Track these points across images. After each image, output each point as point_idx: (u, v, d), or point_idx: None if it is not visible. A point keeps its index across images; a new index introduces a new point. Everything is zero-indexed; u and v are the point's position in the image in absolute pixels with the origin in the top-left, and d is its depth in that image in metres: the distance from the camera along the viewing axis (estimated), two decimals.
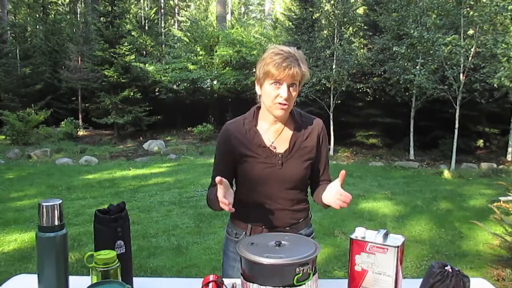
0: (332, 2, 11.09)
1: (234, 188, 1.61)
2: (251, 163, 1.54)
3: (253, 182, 1.55)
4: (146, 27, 16.76)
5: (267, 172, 1.53)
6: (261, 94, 1.50)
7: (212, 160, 1.67)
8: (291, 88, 1.45)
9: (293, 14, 12.70)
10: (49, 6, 17.75)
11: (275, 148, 1.54)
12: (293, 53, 1.44)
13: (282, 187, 1.55)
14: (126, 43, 13.00)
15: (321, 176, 1.66)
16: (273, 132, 1.56)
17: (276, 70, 1.41)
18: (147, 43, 15.87)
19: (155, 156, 10.55)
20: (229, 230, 1.68)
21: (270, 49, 1.48)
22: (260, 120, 1.57)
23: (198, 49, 14.02)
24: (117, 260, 1.20)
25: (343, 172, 1.33)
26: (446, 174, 8.51)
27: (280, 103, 1.45)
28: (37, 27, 17.47)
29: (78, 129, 13.06)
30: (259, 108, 1.58)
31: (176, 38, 16.82)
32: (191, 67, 13.42)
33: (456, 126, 9.19)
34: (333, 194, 1.35)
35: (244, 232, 1.61)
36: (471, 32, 9.51)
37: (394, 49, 9.51)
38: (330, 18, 11.29)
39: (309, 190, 1.69)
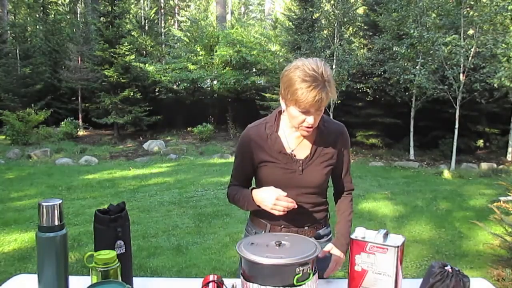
0: (332, 2, 11.10)
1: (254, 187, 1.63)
2: (271, 168, 1.54)
3: (273, 186, 1.54)
4: (146, 27, 16.74)
5: (286, 177, 1.54)
6: (286, 112, 1.47)
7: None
8: (317, 112, 1.41)
9: (293, 14, 12.70)
10: (49, 6, 17.69)
11: (295, 155, 1.54)
12: (320, 76, 1.35)
13: (301, 191, 1.55)
14: (126, 43, 12.99)
15: (342, 180, 1.67)
16: (294, 137, 1.55)
17: (304, 102, 1.35)
18: (147, 43, 15.85)
19: (155, 156, 10.54)
20: (249, 229, 1.69)
21: (297, 68, 1.38)
22: (282, 125, 1.56)
23: (198, 49, 14.00)
24: (117, 260, 1.20)
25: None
26: (446, 174, 8.50)
27: (306, 127, 1.43)
28: (37, 27, 17.44)
29: (78, 129, 13.03)
30: (281, 112, 1.56)
31: (176, 38, 16.80)
32: (191, 67, 13.41)
33: (456, 126, 9.19)
34: (332, 259, 1.58)
35: (263, 231, 1.62)
36: (471, 32, 9.51)
37: (394, 49, 9.52)
38: (330, 18, 11.29)
39: (329, 190, 1.69)
